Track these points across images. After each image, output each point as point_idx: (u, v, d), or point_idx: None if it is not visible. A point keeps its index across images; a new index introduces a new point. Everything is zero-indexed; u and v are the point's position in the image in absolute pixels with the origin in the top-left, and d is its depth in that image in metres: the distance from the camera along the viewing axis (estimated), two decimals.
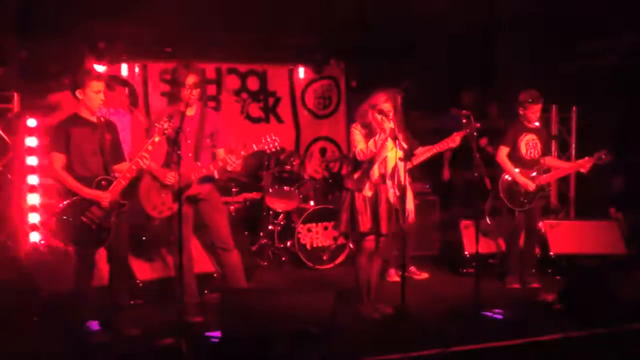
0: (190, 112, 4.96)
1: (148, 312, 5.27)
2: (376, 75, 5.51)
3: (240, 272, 5.20)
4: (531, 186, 6.13)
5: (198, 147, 5.00)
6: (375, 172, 5.07)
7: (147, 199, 4.95)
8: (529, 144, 6.21)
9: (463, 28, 7.21)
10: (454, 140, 5.97)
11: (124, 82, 7.34)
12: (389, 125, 4.88)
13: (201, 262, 5.72)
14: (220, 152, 5.07)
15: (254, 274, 6.44)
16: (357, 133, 5.07)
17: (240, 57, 8.14)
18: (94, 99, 4.57)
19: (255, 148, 4.89)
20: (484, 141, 7.04)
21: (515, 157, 6.19)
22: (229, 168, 4.88)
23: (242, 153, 4.86)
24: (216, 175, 4.97)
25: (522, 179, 6.13)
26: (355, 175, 5.11)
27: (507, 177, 6.19)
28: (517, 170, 6.16)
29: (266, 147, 4.91)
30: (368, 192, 5.05)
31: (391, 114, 4.93)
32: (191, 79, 4.89)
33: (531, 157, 6.22)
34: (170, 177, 4.85)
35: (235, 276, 5.18)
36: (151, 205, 4.96)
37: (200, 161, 4.97)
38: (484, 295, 5.39)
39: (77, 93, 4.57)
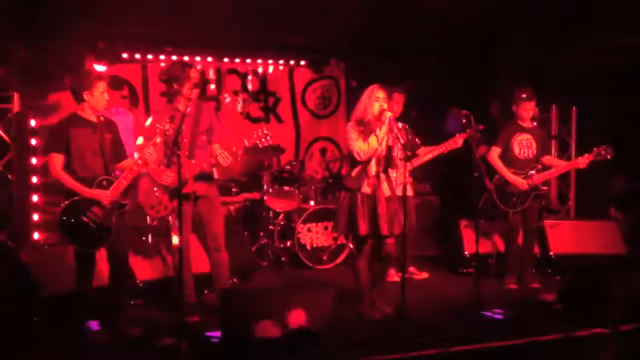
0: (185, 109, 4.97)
1: (148, 312, 5.28)
2: (376, 75, 5.50)
3: (227, 273, 5.25)
4: (523, 185, 6.10)
5: (192, 145, 5.00)
6: (373, 167, 5.03)
7: (146, 198, 4.97)
8: (522, 144, 6.19)
9: (463, 27, 7.20)
10: (457, 142, 5.97)
11: (124, 82, 7.36)
12: (388, 114, 4.88)
13: (201, 262, 5.71)
14: (216, 147, 5.06)
15: (254, 274, 6.46)
16: (353, 131, 4.99)
17: (240, 57, 8.14)
18: (100, 99, 4.61)
19: (247, 144, 4.89)
20: (483, 149, 7.01)
21: (508, 158, 6.16)
22: (223, 163, 4.85)
23: (234, 149, 4.86)
24: (215, 175, 4.96)
25: (513, 178, 6.10)
26: (354, 174, 5.05)
27: (498, 178, 6.16)
28: (509, 170, 6.14)
29: (258, 142, 4.90)
30: (367, 188, 5.01)
31: (386, 104, 4.92)
32: (193, 75, 4.91)
33: (525, 157, 6.18)
34: (167, 177, 4.86)
35: (222, 277, 5.22)
36: (149, 205, 4.98)
37: (195, 159, 4.96)
38: (484, 295, 5.41)
39: (85, 95, 4.58)
